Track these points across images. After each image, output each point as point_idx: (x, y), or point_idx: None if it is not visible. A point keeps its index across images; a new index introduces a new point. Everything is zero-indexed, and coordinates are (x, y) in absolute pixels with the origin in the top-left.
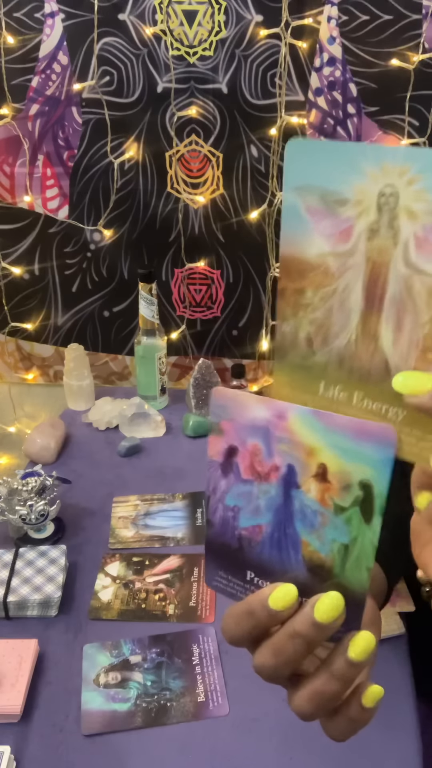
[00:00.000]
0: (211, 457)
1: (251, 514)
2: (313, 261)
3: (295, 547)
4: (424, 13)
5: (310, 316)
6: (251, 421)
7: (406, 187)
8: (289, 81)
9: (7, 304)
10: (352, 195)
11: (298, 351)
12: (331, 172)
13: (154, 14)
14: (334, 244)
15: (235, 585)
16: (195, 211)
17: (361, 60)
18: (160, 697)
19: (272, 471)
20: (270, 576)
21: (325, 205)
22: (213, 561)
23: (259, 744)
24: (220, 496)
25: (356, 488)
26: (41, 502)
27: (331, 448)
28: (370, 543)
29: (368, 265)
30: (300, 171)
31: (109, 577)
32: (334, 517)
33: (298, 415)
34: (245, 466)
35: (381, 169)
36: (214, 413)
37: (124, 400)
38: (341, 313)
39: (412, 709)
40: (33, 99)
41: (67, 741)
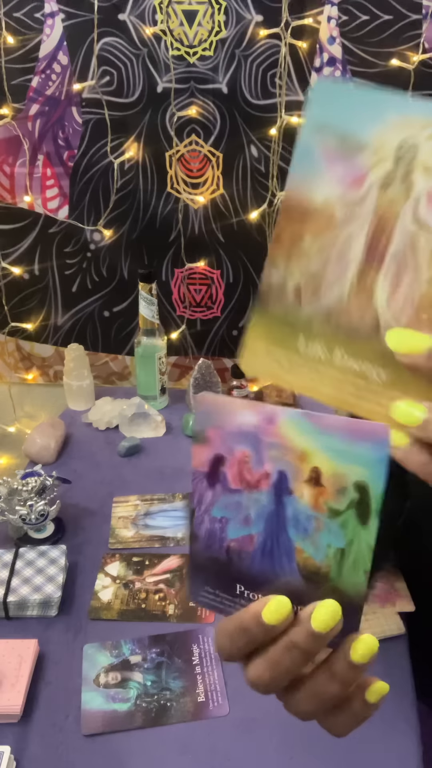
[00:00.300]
0: (195, 467)
1: (241, 525)
2: (319, 206)
3: (288, 555)
4: (424, 13)
5: (304, 265)
6: (239, 428)
7: (427, 141)
8: (289, 81)
9: (7, 304)
10: (372, 142)
11: (283, 302)
12: (355, 117)
13: (154, 14)
14: (345, 190)
15: (223, 600)
16: (195, 211)
17: (361, 60)
18: (160, 697)
19: (263, 479)
20: (261, 587)
21: (343, 149)
22: (198, 576)
23: (259, 744)
24: (206, 507)
25: (352, 490)
26: (41, 502)
27: (324, 450)
28: (366, 545)
29: (376, 216)
30: (323, 111)
31: (109, 577)
32: (329, 522)
33: (288, 418)
34: (233, 475)
35: (404, 119)
36: (199, 421)
37: (124, 400)
38: (338, 265)
39: (412, 709)
40: (33, 99)
41: (67, 741)
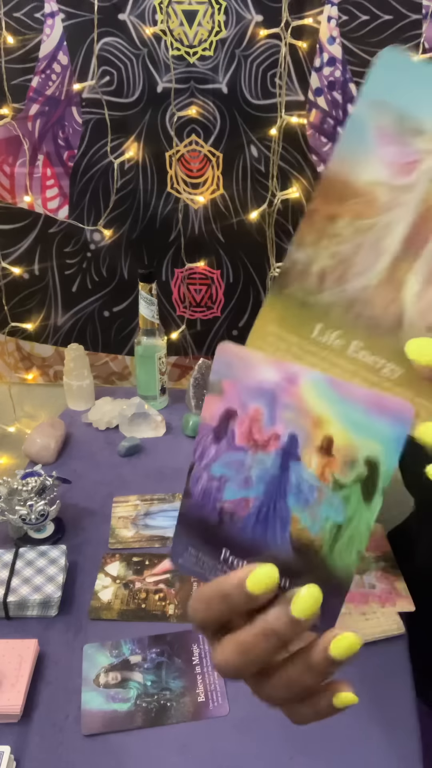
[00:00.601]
0: (203, 419)
1: (239, 486)
2: (361, 187)
3: (283, 524)
4: (424, 13)
5: (334, 249)
6: (257, 383)
7: None
8: (289, 81)
9: (7, 304)
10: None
11: (305, 285)
12: (419, 97)
13: (154, 14)
14: (393, 174)
15: (205, 564)
16: (195, 211)
17: (361, 60)
18: (160, 697)
19: (272, 439)
20: (249, 555)
21: (399, 129)
22: (184, 536)
23: (259, 744)
24: (206, 463)
25: (361, 465)
26: (41, 502)
27: (341, 420)
28: (365, 524)
29: (422, 206)
30: (384, 85)
31: (109, 577)
32: (332, 494)
33: (311, 381)
34: (241, 432)
35: None
36: (216, 371)
37: (124, 400)
38: (371, 252)
39: (412, 709)
40: (33, 99)
41: (67, 741)
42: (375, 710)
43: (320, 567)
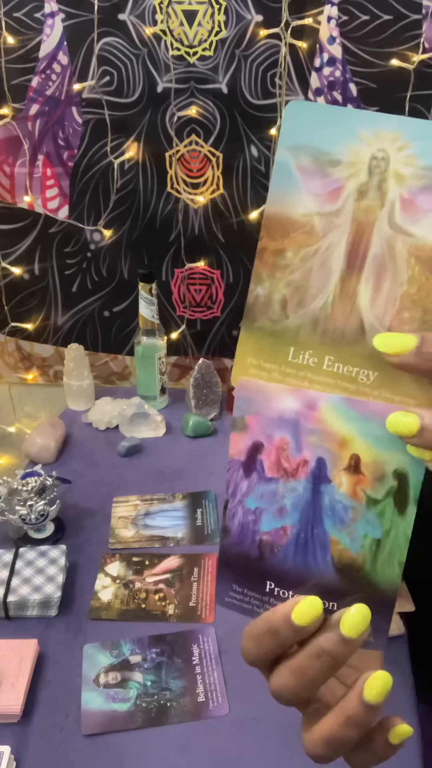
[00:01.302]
0: (232, 456)
1: (275, 516)
2: (299, 220)
3: (323, 547)
4: (424, 13)
5: (288, 278)
6: (279, 414)
7: (397, 152)
8: (289, 81)
9: (7, 304)
10: (345, 157)
11: (270, 315)
12: (327, 134)
13: (154, 14)
14: (322, 203)
15: (252, 599)
16: (195, 211)
17: (361, 60)
18: (160, 697)
19: (300, 466)
20: (294, 584)
21: (318, 164)
22: (227, 574)
23: (258, 744)
24: (240, 498)
25: (390, 478)
26: (41, 502)
27: (365, 437)
28: (403, 535)
29: (354, 225)
30: (296, 131)
31: (109, 577)
32: (366, 511)
33: (329, 403)
34: (270, 463)
35: (375, 134)
36: (238, 407)
37: (124, 400)
38: (321, 274)
39: (412, 709)
40: (33, 99)
41: (67, 741)
42: None
43: (365, 584)
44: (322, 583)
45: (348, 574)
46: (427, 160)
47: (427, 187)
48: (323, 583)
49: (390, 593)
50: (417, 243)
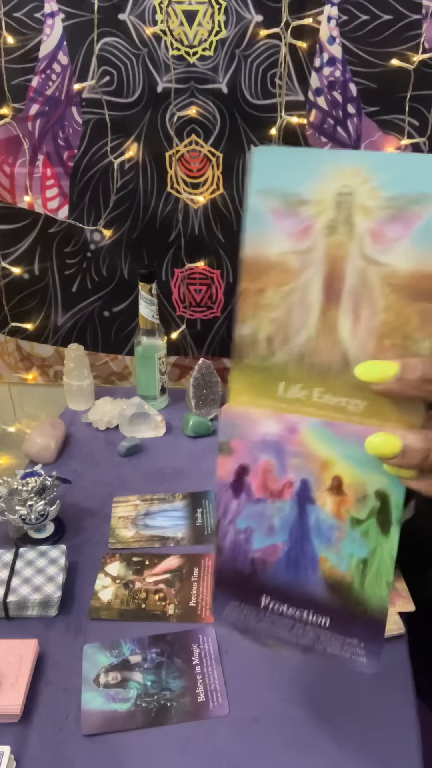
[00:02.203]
0: (220, 478)
1: (265, 534)
2: (275, 260)
3: (312, 565)
4: (424, 13)
5: (270, 316)
6: (262, 437)
7: (361, 185)
8: (289, 81)
9: (7, 304)
10: (312, 195)
11: (258, 352)
12: (294, 175)
13: (154, 14)
14: (295, 242)
15: (248, 613)
16: (195, 211)
17: (361, 60)
18: (160, 697)
19: (286, 487)
20: (288, 598)
21: (287, 205)
22: (223, 591)
23: (259, 744)
24: (231, 518)
25: (372, 498)
26: (41, 502)
27: (345, 458)
28: (388, 555)
29: (327, 260)
30: (265, 176)
31: (109, 577)
32: (351, 531)
33: (309, 427)
34: (257, 484)
35: (337, 170)
36: (223, 432)
37: (124, 400)
38: (301, 310)
39: (412, 709)
40: (33, 99)
41: (67, 741)
42: (375, 710)
43: (355, 602)
44: (315, 598)
45: (338, 591)
46: (390, 191)
47: (393, 217)
48: (316, 598)
49: (379, 614)
50: (389, 272)
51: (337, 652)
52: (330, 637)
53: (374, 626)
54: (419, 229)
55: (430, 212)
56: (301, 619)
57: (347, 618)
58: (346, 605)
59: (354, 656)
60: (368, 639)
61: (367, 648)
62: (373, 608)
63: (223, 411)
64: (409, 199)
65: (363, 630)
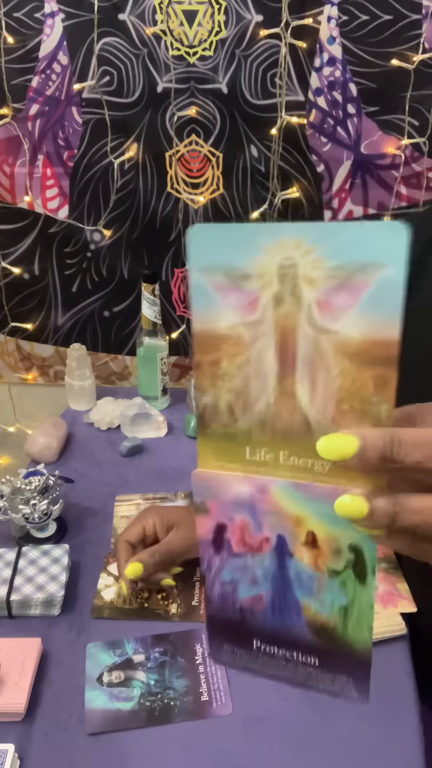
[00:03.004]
0: (200, 536)
1: (249, 585)
2: (225, 333)
3: (297, 611)
4: (424, 13)
5: (228, 385)
6: (235, 497)
7: (303, 257)
8: (289, 81)
9: (7, 304)
10: (254, 269)
11: (221, 420)
12: (233, 251)
13: (154, 14)
14: (243, 315)
15: (242, 655)
16: (195, 211)
17: (361, 60)
18: (163, 696)
19: (263, 542)
20: (277, 640)
21: (230, 280)
22: (217, 636)
23: (262, 743)
24: (215, 572)
25: (347, 552)
26: (44, 501)
27: (317, 516)
28: (367, 603)
29: (277, 330)
30: (204, 253)
31: (112, 577)
32: (330, 581)
33: (279, 488)
34: (236, 541)
35: (277, 243)
36: (197, 494)
37: (126, 401)
38: (258, 379)
39: (414, 709)
40: (33, 99)
41: (71, 739)
42: (377, 711)
43: (341, 644)
44: (302, 641)
45: (323, 634)
46: (334, 260)
47: (340, 286)
48: (303, 641)
49: (364, 655)
50: (341, 339)
51: (328, 688)
52: (320, 675)
53: (360, 664)
54: (367, 297)
55: (376, 280)
56: (292, 659)
57: (334, 658)
58: (332, 647)
59: (344, 690)
60: (356, 675)
61: (356, 684)
62: (358, 649)
63: (194, 475)
64: (354, 268)
65: (350, 667)
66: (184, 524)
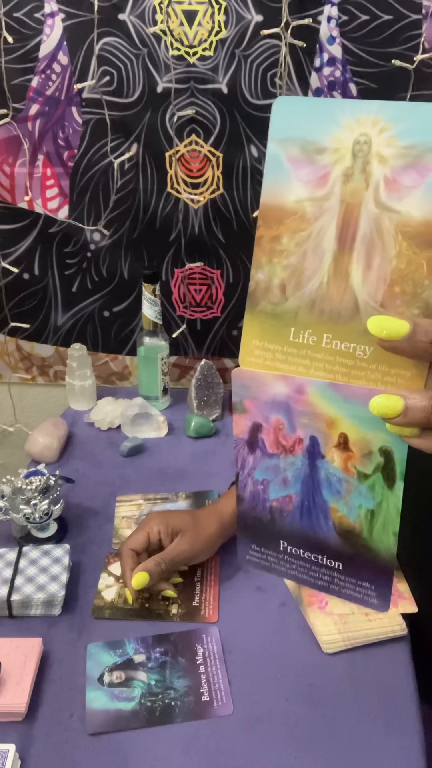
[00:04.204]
0: (236, 435)
1: (280, 486)
2: (291, 207)
3: (324, 514)
4: (424, 13)
5: (285, 262)
6: (272, 398)
7: (378, 135)
8: (289, 81)
9: (7, 304)
10: (330, 144)
11: (271, 298)
12: (312, 125)
13: (154, 14)
14: (312, 189)
15: (269, 557)
16: (195, 211)
17: (361, 60)
18: (164, 696)
19: (296, 443)
20: (303, 543)
21: (306, 153)
22: (246, 536)
23: (263, 743)
24: (248, 471)
25: (377, 455)
26: (45, 501)
27: (350, 418)
28: (394, 507)
29: (342, 207)
30: (284, 125)
31: (113, 577)
32: (358, 484)
33: (316, 388)
34: (270, 441)
35: (356, 120)
36: (236, 393)
37: (126, 401)
38: (315, 256)
39: (415, 710)
40: (33, 99)
41: (72, 740)
42: (378, 711)
43: (365, 549)
44: (328, 545)
45: (349, 538)
46: (407, 139)
47: (409, 165)
48: (329, 543)
49: (388, 560)
50: (403, 219)
51: (350, 593)
52: (344, 580)
53: (383, 571)
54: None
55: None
56: (317, 563)
57: (358, 563)
58: (357, 551)
59: (366, 597)
60: (378, 582)
61: (378, 591)
62: (382, 554)
63: (234, 373)
64: (425, 148)
65: (373, 574)
66: (190, 531)
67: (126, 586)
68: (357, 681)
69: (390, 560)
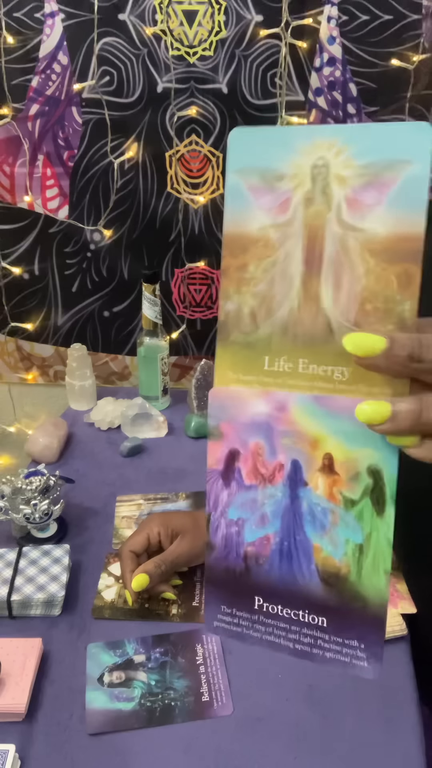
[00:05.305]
0: (211, 466)
1: (257, 525)
2: (255, 235)
3: (307, 556)
4: (424, 13)
5: (253, 290)
6: (252, 418)
7: (335, 157)
8: (289, 81)
9: (7, 304)
10: (289, 170)
11: (242, 328)
12: (270, 153)
13: (154, 14)
14: (274, 216)
15: (241, 620)
16: (195, 211)
17: (361, 60)
18: (164, 697)
19: (276, 470)
20: (281, 597)
21: (265, 181)
22: (214, 596)
23: (263, 743)
24: (222, 510)
25: (365, 476)
26: (45, 501)
27: (336, 434)
28: (385, 539)
29: (306, 231)
30: (242, 155)
31: (113, 577)
32: (345, 514)
33: (299, 403)
34: (248, 470)
35: (312, 144)
36: (213, 415)
37: (126, 401)
38: (283, 281)
39: (414, 710)
40: (33, 99)
41: (72, 740)
42: (378, 711)
43: (352, 596)
44: (310, 595)
45: (334, 584)
46: (363, 159)
47: (368, 184)
48: (311, 594)
49: (379, 608)
50: (368, 237)
51: (336, 657)
52: (328, 640)
53: (374, 623)
54: (393, 194)
55: (402, 176)
56: (297, 621)
57: (345, 616)
58: (343, 601)
59: (354, 660)
60: (368, 639)
61: (368, 650)
62: (372, 601)
63: (211, 393)
64: (382, 166)
65: (362, 628)
66: (190, 533)
67: (126, 588)
68: (357, 681)
69: (381, 609)
